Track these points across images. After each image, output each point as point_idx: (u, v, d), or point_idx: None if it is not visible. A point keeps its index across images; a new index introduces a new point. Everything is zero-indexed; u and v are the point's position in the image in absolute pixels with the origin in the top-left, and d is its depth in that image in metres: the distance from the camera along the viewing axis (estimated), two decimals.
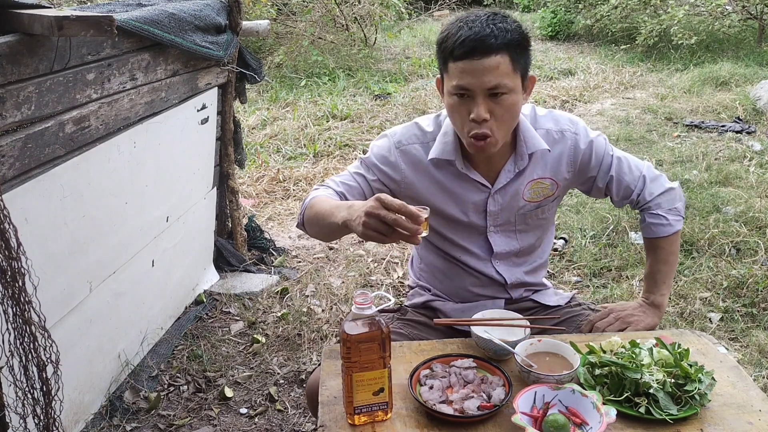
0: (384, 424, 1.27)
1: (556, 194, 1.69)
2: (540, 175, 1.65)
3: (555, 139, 1.65)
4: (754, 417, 1.27)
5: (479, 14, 1.48)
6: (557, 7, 9.91)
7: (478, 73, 1.43)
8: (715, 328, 2.80)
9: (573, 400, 1.26)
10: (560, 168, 1.66)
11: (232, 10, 2.87)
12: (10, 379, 1.51)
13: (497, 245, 1.71)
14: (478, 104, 1.45)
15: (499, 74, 1.44)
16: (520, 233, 1.72)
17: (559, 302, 1.80)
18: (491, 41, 1.42)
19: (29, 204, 1.80)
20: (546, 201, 1.69)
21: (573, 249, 3.52)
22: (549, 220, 1.77)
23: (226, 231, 3.41)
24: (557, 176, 1.66)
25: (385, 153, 1.66)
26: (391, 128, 1.71)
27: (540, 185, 1.66)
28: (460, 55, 1.43)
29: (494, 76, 1.43)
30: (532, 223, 1.72)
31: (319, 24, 7.98)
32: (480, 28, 1.43)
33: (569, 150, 1.65)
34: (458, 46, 1.43)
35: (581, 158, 1.66)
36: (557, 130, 1.65)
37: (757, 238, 3.42)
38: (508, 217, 1.68)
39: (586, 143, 1.66)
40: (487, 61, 1.42)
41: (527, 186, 1.65)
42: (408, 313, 1.80)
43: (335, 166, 4.79)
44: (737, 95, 6.17)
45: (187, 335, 2.81)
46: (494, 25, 1.44)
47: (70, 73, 1.92)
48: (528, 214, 1.69)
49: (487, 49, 1.42)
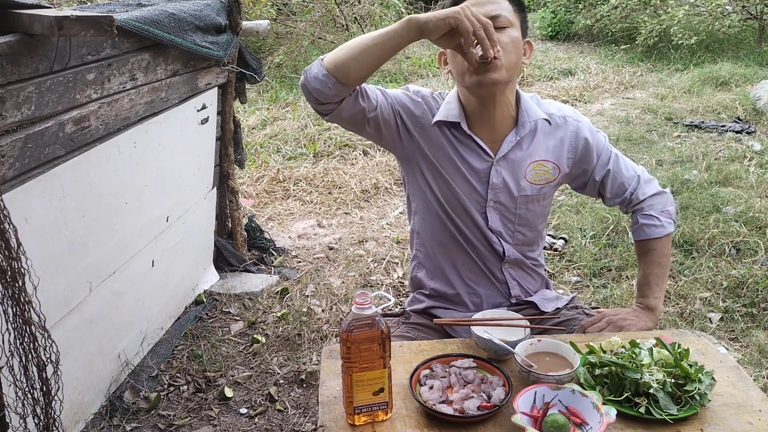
0: (384, 424, 1.27)
1: (557, 180, 1.71)
2: (542, 157, 1.68)
3: (558, 123, 1.69)
4: (754, 417, 1.27)
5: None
6: (557, 7, 9.92)
7: (482, 5, 1.54)
8: (715, 328, 2.80)
9: (573, 400, 1.26)
10: (562, 153, 1.69)
11: (232, 10, 2.87)
12: (10, 379, 1.51)
13: (492, 221, 1.69)
14: None
15: (501, 7, 1.56)
16: (518, 219, 1.70)
17: (557, 306, 1.80)
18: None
19: (29, 204, 1.81)
20: (547, 186, 1.70)
21: (573, 249, 3.52)
22: (545, 209, 1.76)
23: (226, 231, 3.41)
24: (559, 161, 1.69)
25: (407, 92, 1.70)
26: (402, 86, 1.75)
27: (542, 167, 1.68)
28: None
29: (497, 6, 1.55)
30: (532, 209, 1.71)
31: (319, 24, 7.98)
32: None
33: (571, 135, 1.70)
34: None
35: (582, 146, 1.70)
36: (560, 115, 1.70)
37: (757, 238, 3.42)
38: (508, 196, 1.68)
39: (588, 133, 1.71)
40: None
41: (530, 166, 1.67)
42: (412, 317, 1.80)
43: (335, 166, 4.79)
44: (737, 95, 6.18)
45: (187, 335, 2.82)
46: None
47: (70, 73, 1.92)
48: (529, 197, 1.69)
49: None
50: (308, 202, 4.30)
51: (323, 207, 4.23)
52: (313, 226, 3.96)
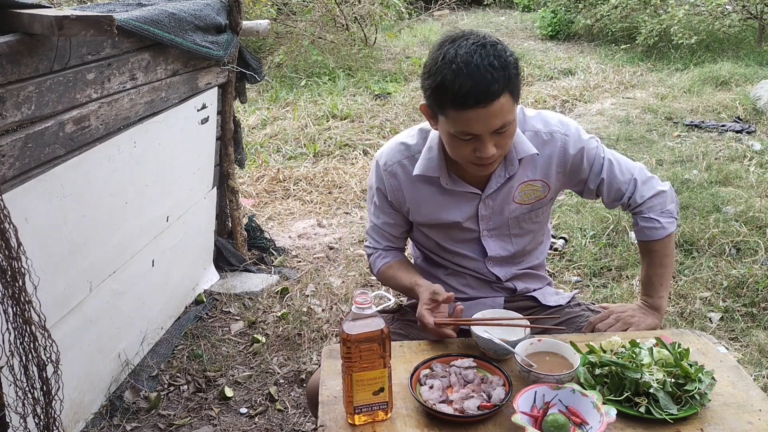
0: (384, 424, 1.27)
1: (548, 196, 1.69)
2: (530, 177, 1.64)
3: (544, 140, 1.63)
4: (754, 417, 1.27)
5: (470, 51, 1.39)
6: (557, 7, 9.91)
7: (483, 119, 1.40)
8: (715, 328, 2.80)
9: (573, 399, 1.26)
10: (550, 170, 1.65)
11: (232, 10, 2.87)
12: (10, 378, 1.51)
13: (491, 249, 1.71)
14: (485, 143, 1.45)
15: (503, 114, 1.42)
16: (515, 237, 1.72)
17: (559, 302, 1.80)
18: (494, 88, 1.37)
19: (29, 204, 1.80)
20: (539, 204, 1.69)
21: (573, 249, 3.51)
22: (543, 223, 1.76)
23: (226, 231, 3.41)
24: (548, 178, 1.66)
25: (380, 182, 1.71)
26: (380, 149, 1.73)
27: (531, 187, 1.65)
28: (465, 106, 1.39)
29: (500, 118, 1.41)
30: (526, 227, 1.72)
31: (319, 24, 7.97)
32: (480, 75, 1.37)
33: (559, 151, 1.64)
34: (460, 99, 1.38)
35: (572, 160, 1.65)
36: (546, 132, 1.63)
37: (757, 238, 3.42)
38: (500, 221, 1.68)
39: (576, 147, 1.64)
40: (492, 107, 1.39)
41: (518, 188, 1.64)
42: (408, 314, 1.79)
43: (335, 166, 4.79)
44: (737, 95, 6.17)
45: (187, 335, 2.81)
46: (491, 68, 1.37)
47: (70, 73, 1.92)
48: (521, 217, 1.69)
49: (491, 97, 1.38)
50: (308, 202, 4.29)
51: (323, 207, 4.22)
52: (313, 225, 3.96)
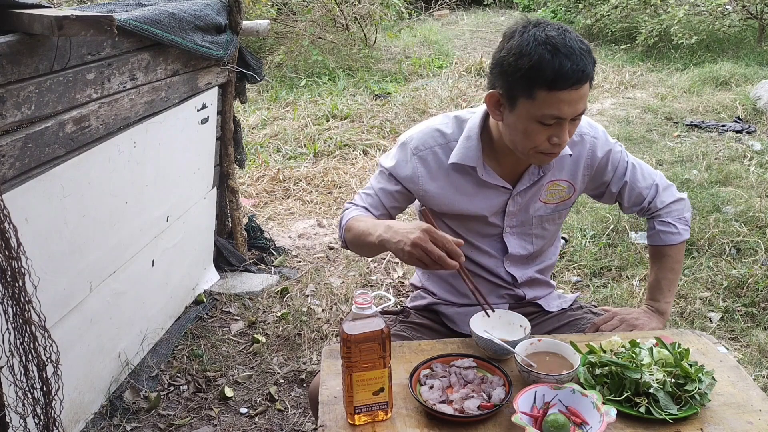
0: (384, 424, 1.27)
1: (572, 198, 1.69)
2: (557, 176, 1.65)
3: (574, 141, 1.63)
4: (754, 417, 1.28)
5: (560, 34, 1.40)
6: (557, 7, 9.91)
7: (574, 102, 1.41)
8: (715, 328, 2.80)
9: (573, 399, 1.26)
10: (578, 171, 1.66)
11: (232, 10, 2.87)
12: (10, 378, 1.51)
13: (512, 247, 1.70)
14: (565, 129, 1.44)
15: (585, 99, 1.44)
16: (535, 237, 1.71)
17: (562, 305, 1.80)
18: (588, 69, 1.39)
19: (29, 204, 1.80)
20: (563, 205, 1.69)
21: (573, 249, 3.52)
22: (561, 225, 1.78)
23: (226, 231, 3.41)
24: (574, 179, 1.66)
25: (402, 164, 1.64)
26: (408, 132, 1.68)
27: (557, 187, 1.65)
28: (562, 86, 1.38)
29: (583, 102, 1.43)
30: (548, 227, 1.72)
31: (319, 24, 7.97)
32: (577, 57, 1.38)
33: (587, 153, 1.65)
34: (561, 78, 1.37)
35: (598, 164, 1.66)
36: (577, 134, 1.63)
37: (757, 238, 3.42)
38: (524, 219, 1.68)
39: (603, 149, 1.66)
40: (583, 89, 1.40)
41: (545, 186, 1.65)
42: (410, 316, 1.79)
43: (335, 166, 4.79)
44: (737, 95, 6.17)
45: (187, 335, 2.82)
46: (582, 51, 1.39)
47: (70, 73, 1.92)
48: (545, 217, 1.69)
49: (585, 79, 1.39)
50: (308, 202, 4.29)
51: (323, 207, 4.22)
52: (313, 225, 3.96)
